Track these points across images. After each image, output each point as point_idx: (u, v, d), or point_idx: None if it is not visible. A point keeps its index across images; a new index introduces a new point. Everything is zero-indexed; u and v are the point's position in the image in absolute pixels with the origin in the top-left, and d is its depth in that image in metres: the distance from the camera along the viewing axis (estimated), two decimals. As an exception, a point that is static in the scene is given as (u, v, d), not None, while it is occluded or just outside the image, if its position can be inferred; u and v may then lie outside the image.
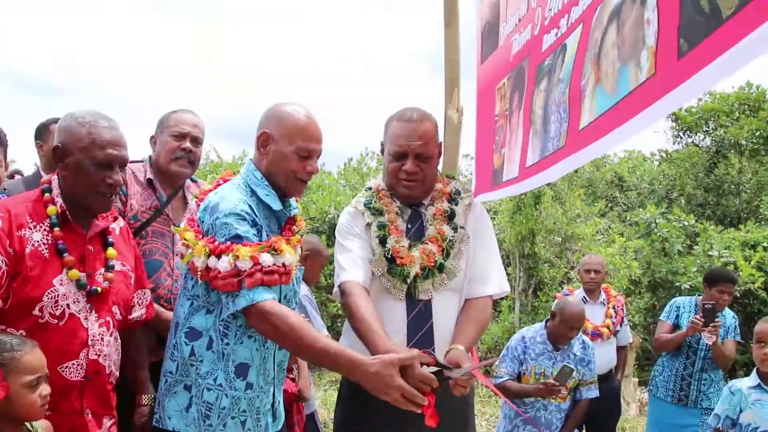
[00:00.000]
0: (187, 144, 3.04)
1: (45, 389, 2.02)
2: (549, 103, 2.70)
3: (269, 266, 2.21)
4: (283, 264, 2.27)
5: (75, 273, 2.22)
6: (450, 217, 2.72)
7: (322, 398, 7.04)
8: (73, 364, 2.21)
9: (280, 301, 2.28)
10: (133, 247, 2.57)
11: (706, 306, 4.75)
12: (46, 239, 2.20)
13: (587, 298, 5.35)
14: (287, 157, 2.37)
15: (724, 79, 1.56)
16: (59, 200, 2.26)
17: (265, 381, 2.42)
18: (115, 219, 2.47)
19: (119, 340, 2.42)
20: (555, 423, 4.34)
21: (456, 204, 2.75)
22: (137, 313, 2.53)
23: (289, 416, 3.56)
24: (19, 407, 1.96)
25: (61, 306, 2.18)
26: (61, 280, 2.20)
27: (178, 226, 2.88)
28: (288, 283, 2.34)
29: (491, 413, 7.41)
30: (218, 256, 2.20)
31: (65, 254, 2.22)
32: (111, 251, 2.38)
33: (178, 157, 3.03)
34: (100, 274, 2.32)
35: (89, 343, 2.25)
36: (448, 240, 2.68)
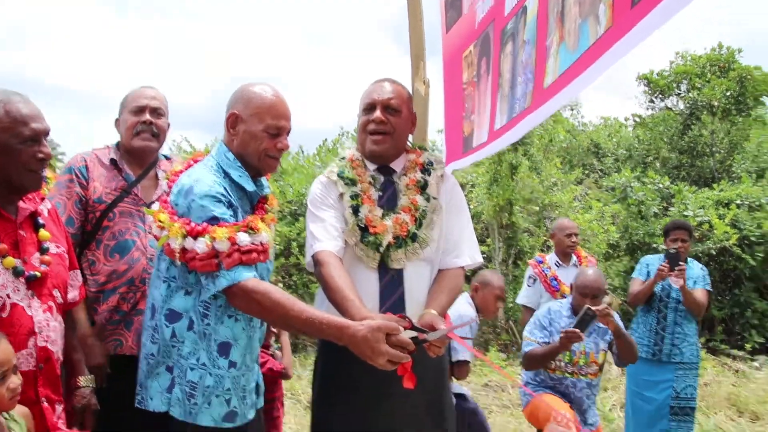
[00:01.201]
0: (147, 116, 3.00)
1: (13, 381, 1.95)
2: (516, 65, 2.71)
3: (247, 246, 2.22)
4: (260, 242, 2.28)
5: (10, 261, 2.10)
6: (423, 187, 2.73)
7: (308, 377, 7.09)
8: (23, 354, 2.10)
9: None
10: (63, 228, 2.47)
11: (669, 251, 4.87)
12: None
13: (560, 262, 5.43)
14: (257, 136, 2.38)
15: (667, 22, 1.59)
16: None
17: (251, 359, 2.44)
18: (42, 200, 2.36)
19: (63, 324, 2.32)
20: (585, 401, 4.23)
21: (429, 174, 2.76)
22: (71, 294, 2.44)
23: (271, 391, 3.59)
24: None
25: (1, 297, 2.07)
26: None
27: (149, 205, 2.85)
28: (266, 260, 2.35)
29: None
30: (195, 238, 2.20)
31: None
32: (44, 233, 2.27)
33: (140, 131, 2.99)
34: (36, 258, 2.22)
35: (36, 330, 2.15)
36: (421, 210, 2.69)
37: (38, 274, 2.17)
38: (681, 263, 4.80)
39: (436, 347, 2.31)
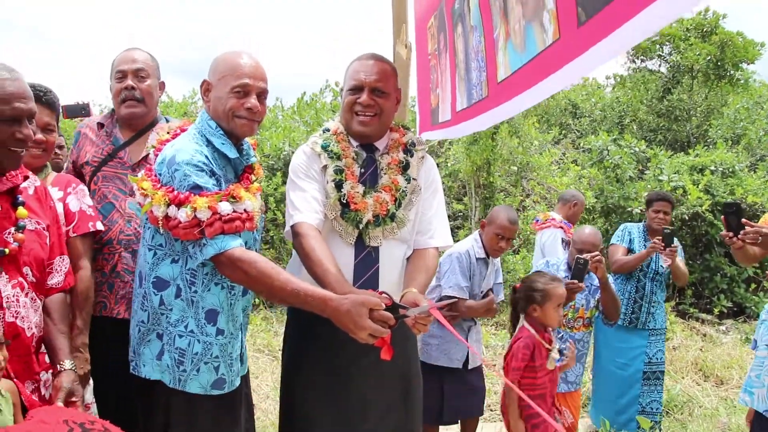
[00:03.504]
0: (128, 82, 2.97)
1: None
2: (468, 49, 2.73)
3: (228, 214, 2.24)
4: (244, 210, 2.30)
5: None
6: (404, 168, 2.76)
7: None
8: None
9: None
10: (50, 209, 2.45)
11: (665, 231, 4.94)
12: None
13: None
14: (223, 98, 2.40)
15: (625, 50, 1.56)
16: None
17: (234, 327, 2.47)
18: (26, 178, 2.32)
19: (37, 302, 2.29)
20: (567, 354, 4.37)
21: (411, 155, 2.80)
22: (55, 279, 2.42)
23: None
24: None
25: None
26: None
27: (134, 167, 2.94)
28: (252, 229, 2.37)
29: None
30: (178, 206, 2.23)
31: None
32: (21, 211, 2.24)
33: (124, 98, 2.98)
34: (10, 233, 2.19)
35: (4, 305, 2.12)
36: (401, 190, 2.73)
37: (7, 250, 2.14)
38: (674, 245, 4.92)
39: (421, 324, 2.35)
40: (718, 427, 5.48)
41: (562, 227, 5.78)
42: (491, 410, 5.75)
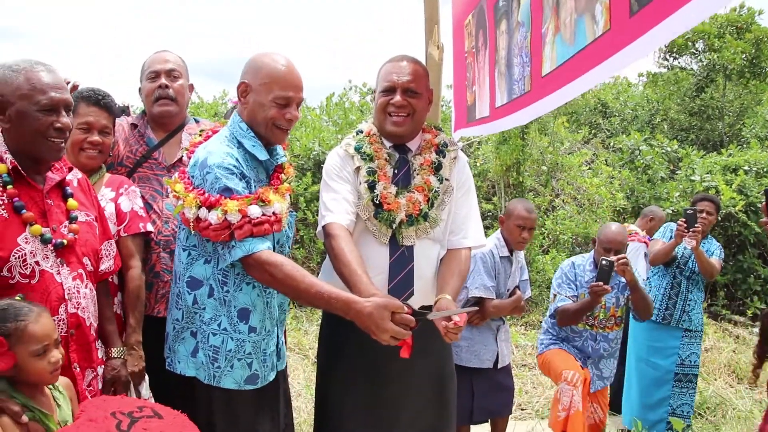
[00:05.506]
0: (162, 81, 3.03)
1: (54, 356, 1.97)
2: (512, 45, 2.73)
3: (258, 218, 2.29)
4: (273, 213, 2.35)
5: (37, 228, 2.15)
6: (437, 168, 2.79)
7: (315, 333, 7.19)
8: (55, 320, 2.12)
9: (273, 248, 2.39)
10: (94, 198, 2.52)
11: (687, 212, 4.93)
12: (1, 199, 2.12)
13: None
14: (265, 106, 2.42)
15: (673, 38, 1.56)
16: (8, 156, 2.16)
17: (271, 324, 2.53)
18: (70, 170, 2.39)
19: (94, 292, 2.37)
20: (602, 353, 4.40)
21: (443, 156, 2.82)
22: (105, 265, 2.50)
23: None
24: (29, 375, 1.95)
25: (30, 264, 2.12)
26: (26, 238, 2.13)
27: (169, 168, 3.00)
28: (279, 230, 2.42)
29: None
30: (209, 209, 2.28)
31: (23, 210, 2.14)
32: (72, 202, 2.31)
33: (158, 97, 3.04)
34: (65, 226, 2.25)
35: (66, 297, 2.20)
36: (434, 190, 2.76)
37: (65, 241, 2.21)
38: (696, 225, 4.84)
39: (452, 333, 2.40)
40: (753, 430, 5.42)
41: (645, 242, 5.75)
42: (522, 409, 5.75)
